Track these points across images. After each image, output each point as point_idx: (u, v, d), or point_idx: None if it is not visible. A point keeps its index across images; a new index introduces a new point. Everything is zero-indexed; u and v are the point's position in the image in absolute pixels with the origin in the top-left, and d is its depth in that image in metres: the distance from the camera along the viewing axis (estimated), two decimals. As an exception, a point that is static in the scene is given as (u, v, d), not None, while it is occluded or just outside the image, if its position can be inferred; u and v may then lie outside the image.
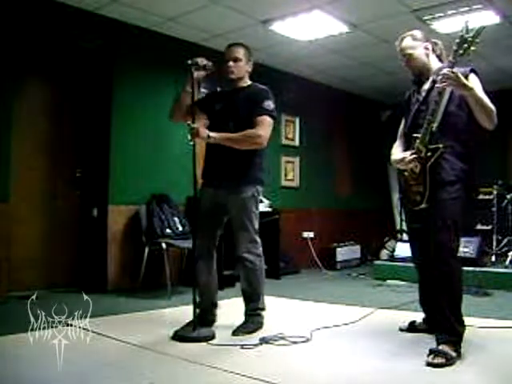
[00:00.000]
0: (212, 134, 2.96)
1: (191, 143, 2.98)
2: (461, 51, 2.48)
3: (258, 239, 3.12)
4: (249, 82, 3.22)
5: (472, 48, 2.46)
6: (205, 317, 3.14)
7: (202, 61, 3.03)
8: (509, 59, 5.99)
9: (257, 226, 3.11)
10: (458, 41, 2.48)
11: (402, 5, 4.54)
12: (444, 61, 2.79)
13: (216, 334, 2.96)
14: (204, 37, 5.40)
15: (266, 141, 3.09)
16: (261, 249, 3.14)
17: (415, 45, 2.79)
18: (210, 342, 2.86)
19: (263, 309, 3.20)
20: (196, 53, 5.46)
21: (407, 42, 2.82)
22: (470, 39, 2.45)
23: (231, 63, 3.09)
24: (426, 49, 2.79)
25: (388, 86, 7.09)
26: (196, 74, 3.04)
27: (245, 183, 3.06)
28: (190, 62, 3.01)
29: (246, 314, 3.16)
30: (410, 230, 3.06)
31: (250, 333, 3.03)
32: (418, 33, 2.85)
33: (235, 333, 3.03)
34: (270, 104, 3.09)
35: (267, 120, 3.07)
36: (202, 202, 3.16)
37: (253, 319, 3.14)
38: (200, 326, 2.95)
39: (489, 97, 2.56)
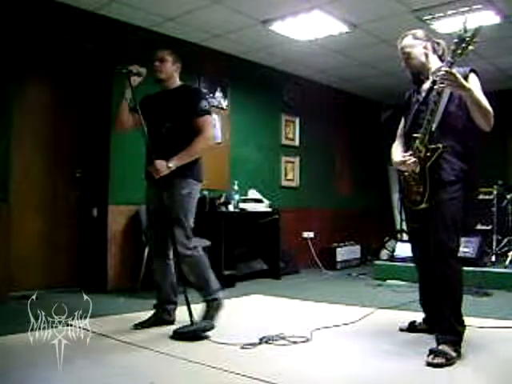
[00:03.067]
0: (171, 164, 3.05)
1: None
2: (459, 51, 2.47)
3: (192, 235, 3.17)
4: (179, 83, 3.32)
5: (470, 48, 2.46)
6: (160, 316, 3.25)
7: (136, 68, 3.15)
8: (509, 59, 5.99)
9: (192, 223, 3.18)
10: (456, 40, 2.48)
11: (402, 5, 4.55)
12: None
13: (215, 326, 2.99)
14: (204, 37, 5.40)
15: (213, 139, 3.27)
16: (193, 243, 3.18)
17: (415, 43, 2.80)
18: (211, 341, 2.86)
19: (218, 289, 3.22)
20: (196, 53, 5.53)
21: (407, 40, 2.83)
22: (468, 39, 2.45)
23: (157, 63, 3.21)
24: (425, 48, 2.79)
25: (388, 85, 7.09)
26: (133, 81, 3.15)
27: (182, 180, 3.13)
28: (124, 70, 3.12)
29: (204, 301, 3.20)
30: (411, 230, 3.06)
31: (213, 318, 3.10)
32: (419, 32, 2.85)
33: (202, 321, 3.06)
34: (206, 104, 3.21)
35: (209, 119, 3.20)
36: (148, 202, 3.30)
37: (212, 304, 3.17)
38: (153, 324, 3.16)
39: (488, 97, 2.56)
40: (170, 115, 3.18)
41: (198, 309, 3.13)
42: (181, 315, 3.22)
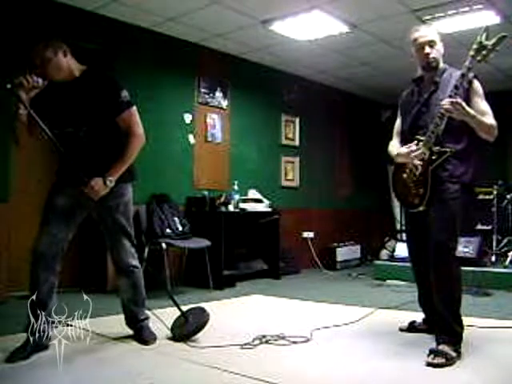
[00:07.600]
0: (109, 182, 2.63)
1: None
2: (479, 57, 2.45)
3: (135, 242, 2.91)
4: (80, 68, 2.75)
5: (491, 55, 2.45)
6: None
7: (27, 81, 2.53)
8: (509, 59, 5.99)
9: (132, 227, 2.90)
10: (475, 46, 2.46)
11: (402, 5, 4.55)
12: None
13: (210, 316, 2.95)
14: (204, 37, 5.40)
15: (143, 135, 2.78)
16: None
17: (438, 38, 2.72)
18: (210, 341, 2.85)
19: (148, 317, 2.99)
20: (196, 53, 5.53)
21: (433, 31, 2.73)
22: (490, 47, 2.43)
23: (41, 69, 2.62)
24: (442, 47, 2.75)
25: (388, 86, 7.08)
26: (24, 95, 2.54)
27: (122, 186, 2.78)
28: (9, 86, 2.49)
29: (138, 322, 2.90)
30: (409, 230, 3.06)
31: (154, 340, 2.85)
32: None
33: (146, 342, 2.80)
34: (126, 94, 2.73)
35: (134, 112, 2.75)
36: (56, 200, 2.82)
37: (147, 322, 2.95)
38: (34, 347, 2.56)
39: (488, 97, 2.56)
40: (85, 115, 2.65)
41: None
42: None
